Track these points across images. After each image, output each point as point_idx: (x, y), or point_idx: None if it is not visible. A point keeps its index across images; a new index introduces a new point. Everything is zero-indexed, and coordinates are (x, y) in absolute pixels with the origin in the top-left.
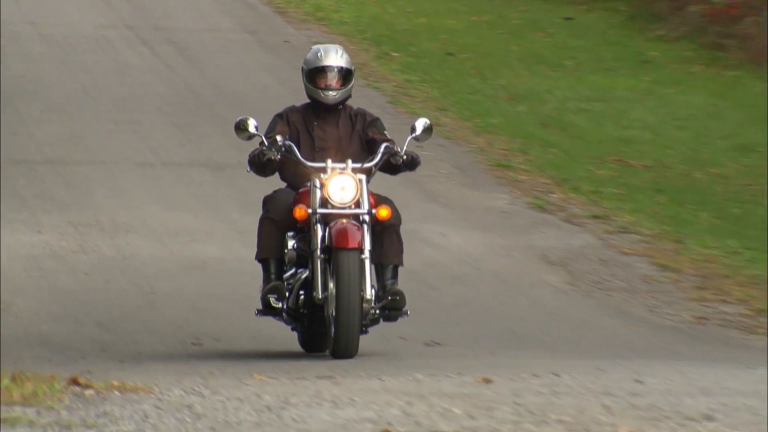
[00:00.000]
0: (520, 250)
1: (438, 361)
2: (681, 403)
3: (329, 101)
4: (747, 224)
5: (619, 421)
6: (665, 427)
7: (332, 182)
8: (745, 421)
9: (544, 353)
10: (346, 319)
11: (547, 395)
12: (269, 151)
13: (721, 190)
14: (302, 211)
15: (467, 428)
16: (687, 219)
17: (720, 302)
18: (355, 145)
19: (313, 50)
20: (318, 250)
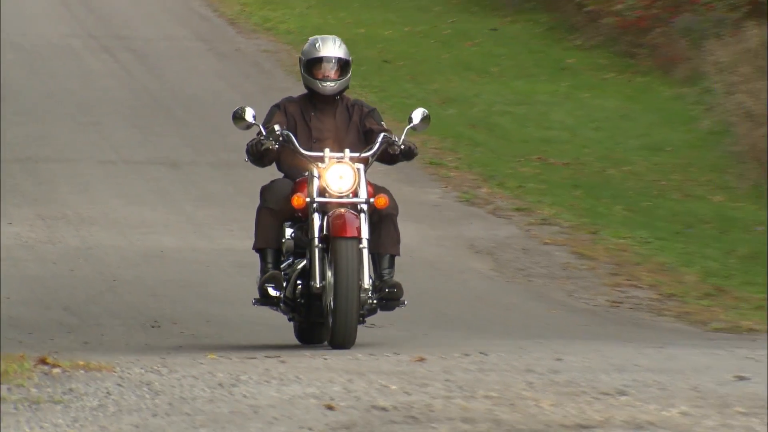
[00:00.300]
0: (450, 240)
1: (376, 342)
2: (597, 379)
3: (327, 92)
4: (656, 216)
5: (541, 396)
6: (582, 401)
7: (330, 171)
8: (655, 395)
9: (472, 334)
10: (344, 309)
11: (475, 372)
12: (267, 140)
13: (632, 186)
14: (300, 200)
15: (403, 403)
16: (602, 212)
17: (632, 287)
18: (352, 136)
19: (310, 41)
20: (316, 239)
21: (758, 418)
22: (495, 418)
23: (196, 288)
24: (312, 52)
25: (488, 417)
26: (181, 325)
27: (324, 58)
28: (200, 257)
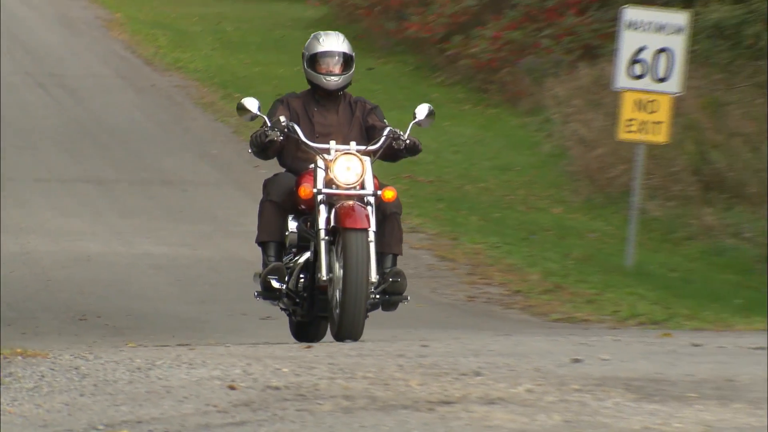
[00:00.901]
0: None
1: (271, 332)
2: (457, 362)
3: (331, 86)
4: (505, 225)
5: (410, 377)
6: (445, 380)
7: (338, 163)
8: (505, 375)
9: None
10: (352, 301)
11: (355, 357)
12: (272, 131)
13: (485, 200)
14: (308, 190)
15: (293, 383)
16: (460, 221)
17: (485, 285)
18: (355, 132)
19: (314, 36)
20: (322, 231)
21: (590, 394)
22: (371, 395)
23: (118, 287)
24: (316, 46)
25: (365, 394)
26: (105, 318)
27: (328, 53)
28: (122, 260)
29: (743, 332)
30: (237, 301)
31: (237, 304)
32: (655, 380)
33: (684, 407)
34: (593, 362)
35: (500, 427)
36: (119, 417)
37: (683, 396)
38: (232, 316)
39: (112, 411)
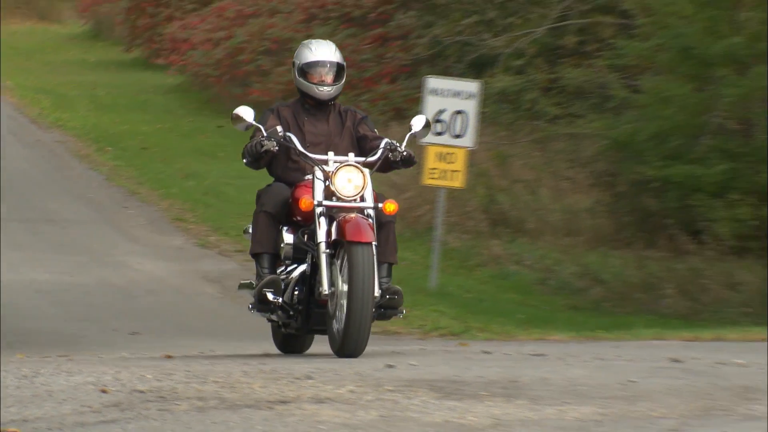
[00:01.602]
0: (190, 272)
1: (138, 345)
2: (292, 368)
3: (323, 96)
4: None
5: (253, 381)
6: (282, 383)
7: (339, 174)
8: (331, 378)
9: (205, 338)
10: (358, 316)
11: (207, 365)
12: (268, 141)
13: None
14: (308, 203)
15: (155, 387)
16: None
17: None
18: (345, 141)
19: (304, 45)
20: (323, 244)
21: (401, 393)
22: (220, 397)
23: (9, 309)
24: (308, 56)
25: (216, 396)
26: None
27: (320, 63)
28: (12, 286)
29: (524, 341)
30: (108, 320)
31: (109, 322)
32: (453, 381)
33: (477, 403)
34: (404, 367)
35: (327, 422)
36: (9, 417)
37: (476, 394)
38: (105, 332)
39: (3, 412)
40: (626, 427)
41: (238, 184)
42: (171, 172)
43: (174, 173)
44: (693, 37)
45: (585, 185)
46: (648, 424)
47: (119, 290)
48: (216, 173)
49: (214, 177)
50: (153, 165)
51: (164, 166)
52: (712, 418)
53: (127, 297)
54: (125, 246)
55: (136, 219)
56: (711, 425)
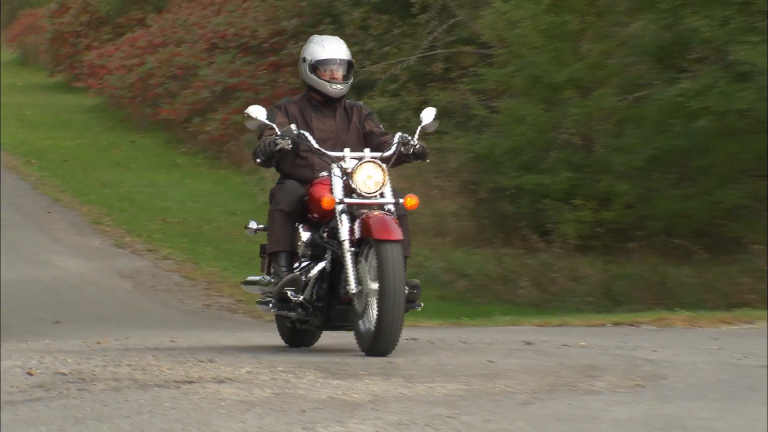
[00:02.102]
0: (107, 269)
1: (61, 332)
2: (197, 353)
3: (336, 94)
4: (233, 254)
5: (162, 363)
6: (187, 366)
7: (360, 171)
8: (231, 361)
9: (121, 327)
10: (391, 315)
11: (122, 350)
12: (282, 140)
13: (218, 235)
14: (331, 201)
15: (76, 370)
16: (200, 251)
17: (218, 296)
18: (352, 137)
19: (314, 41)
20: (347, 242)
21: (291, 373)
22: (133, 378)
23: None
24: (320, 52)
25: (129, 377)
26: None
27: (332, 60)
28: None
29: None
30: (34, 311)
31: (35, 313)
32: (337, 363)
33: (357, 382)
34: (295, 350)
35: (227, 399)
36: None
37: (357, 374)
38: (31, 321)
39: None
40: (486, 401)
41: (148, 192)
42: (90, 182)
43: (92, 182)
44: (542, 65)
45: (451, 192)
46: (505, 399)
47: (44, 285)
48: (129, 182)
49: (128, 186)
50: (74, 175)
51: (84, 176)
52: (559, 392)
53: (51, 291)
54: (50, 246)
55: (59, 222)
56: (558, 399)
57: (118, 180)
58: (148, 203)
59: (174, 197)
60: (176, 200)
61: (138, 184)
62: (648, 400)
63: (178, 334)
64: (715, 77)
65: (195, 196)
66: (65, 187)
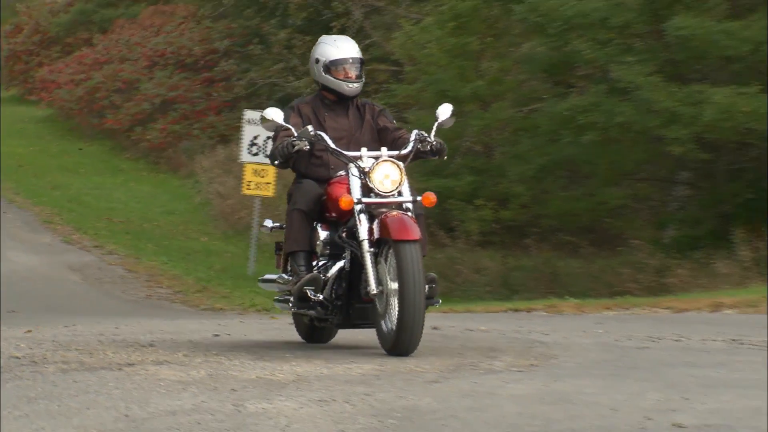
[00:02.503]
0: (57, 263)
1: (14, 320)
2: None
3: (351, 92)
4: (171, 249)
5: (107, 348)
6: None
7: (377, 170)
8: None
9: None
10: (411, 315)
11: (70, 336)
12: (300, 141)
13: (158, 233)
14: (349, 201)
15: (28, 354)
16: (141, 247)
17: (158, 287)
18: (366, 135)
19: (327, 42)
20: (366, 242)
21: (224, 356)
22: (81, 361)
23: None
24: (334, 52)
25: (77, 360)
26: None
27: (346, 59)
28: None
29: None
30: None
31: None
32: (265, 347)
33: (283, 363)
34: (230, 335)
35: (166, 380)
36: None
37: (283, 356)
38: None
39: None
40: (398, 380)
41: (94, 194)
42: (42, 185)
43: (44, 185)
44: (447, 81)
45: None
46: (414, 377)
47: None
48: (77, 185)
49: (76, 188)
50: (27, 179)
51: (36, 180)
52: (462, 371)
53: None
54: (5, 243)
55: (13, 222)
56: (462, 377)
57: (68, 183)
58: (94, 204)
59: (118, 199)
60: (120, 201)
61: (85, 187)
62: (541, 377)
63: (121, 322)
64: (599, 96)
65: (137, 198)
66: (19, 190)
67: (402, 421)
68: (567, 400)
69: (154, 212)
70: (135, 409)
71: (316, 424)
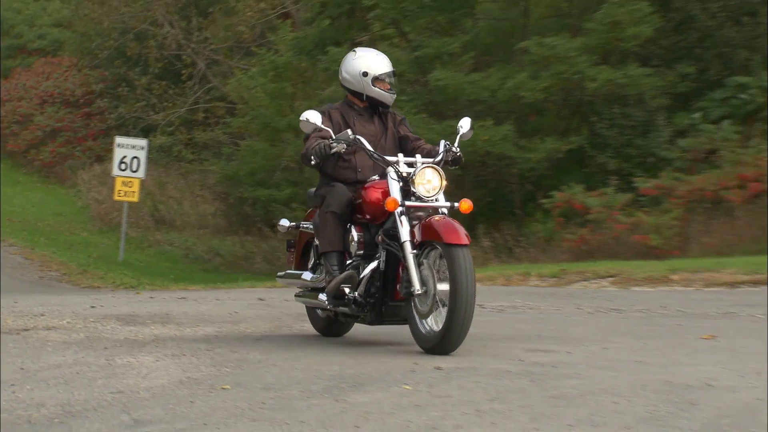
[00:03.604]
0: None
1: None
2: (32, 309)
3: (391, 101)
4: (59, 242)
5: (7, 317)
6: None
7: (422, 175)
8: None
9: None
10: (462, 317)
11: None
12: (338, 144)
13: (49, 230)
14: (395, 203)
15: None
16: (36, 240)
17: (49, 271)
18: (390, 141)
19: (365, 55)
20: (409, 244)
21: (99, 323)
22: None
23: None
24: (378, 67)
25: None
26: None
27: (388, 73)
28: None
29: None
30: None
31: None
32: (131, 315)
33: (145, 328)
34: (103, 306)
35: (53, 341)
36: None
37: (144, 322)
38: None
39: None
40: (232, 338)
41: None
42: None
43: None
44: (269, 116)
45: (210, 199)
46: (245, 337)
47: None
48: None
49: None
50: None
51: None
52: (281, 332)
53: None
54: None
55: None
56: (280, 336)
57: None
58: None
59: (17, 204)
60: (18, 206)
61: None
62: None
63: (20, 298)
64: None
65: (32, 203)
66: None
67: (234, 369)
68: (358, 351)
69: (46, 214)
70: (29, 363)
71: (168, 373)
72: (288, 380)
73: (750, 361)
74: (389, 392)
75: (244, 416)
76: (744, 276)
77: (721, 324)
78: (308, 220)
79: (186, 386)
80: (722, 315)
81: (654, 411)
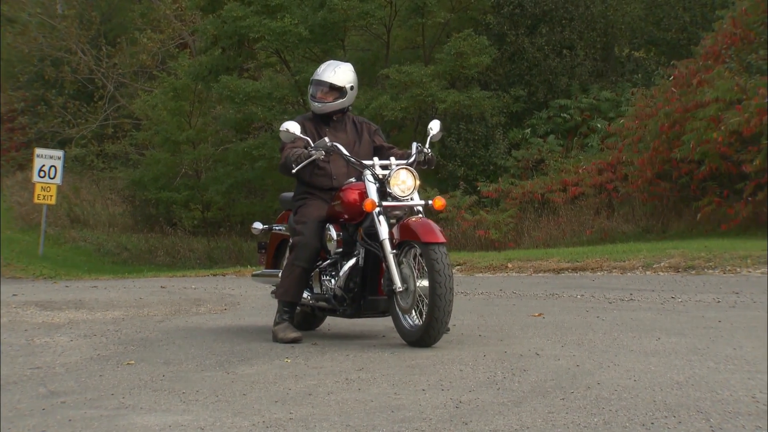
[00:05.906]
0: None
1: None
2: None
3: (315, 110)
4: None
5: None
6: None
7: (396, 177)
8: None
9: None
10: (442, 313)
11: None
12: (316, 151)
13: None
14: (373, 203)
15: None
16: None
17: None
18: (364, 149)
19: (320, 66)
20: (388, 242)
21: (21, 309)
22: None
23: None
24: (315, 73)
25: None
26: None
27: (319, 81)
28: None
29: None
30: None
31: None
32: (48, 301)
33: (60, 312)
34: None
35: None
36: None
37: (60, 307)
38: None
39: None
40: (137, 321)
41: None
42: None
43: None
44: (169, 130)
45: (119, 202)
46: (148, 319)
47: None
48: None
49: None
50: None
51: None
52: (179, 315)
53: None
54: None
55: None
56: (179, 318)
57: None
58: None
59: None
60: None
61: None
62: (230, 317)
63: None
64: (267, 139)
65: None
66: None
67: (138, 347)
68: (246, 330)
69: None
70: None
71: (81, 350)
72: (185, 356)
73: (570, 335)
74: (272, 365)
75: (147, 387)
76: (566, 264)
77: (547, 304)
78: (280, 223)
79: (96, 362)
80: (548, 296)
81: (492, 376)
